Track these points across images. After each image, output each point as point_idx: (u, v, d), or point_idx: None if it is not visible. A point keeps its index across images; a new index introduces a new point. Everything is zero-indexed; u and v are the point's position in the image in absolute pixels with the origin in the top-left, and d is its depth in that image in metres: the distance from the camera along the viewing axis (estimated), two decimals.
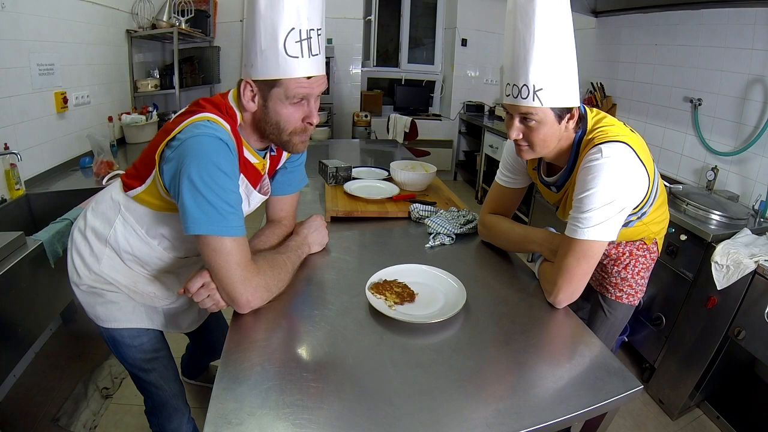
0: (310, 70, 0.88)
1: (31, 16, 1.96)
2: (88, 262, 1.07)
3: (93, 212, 1.09)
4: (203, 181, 0.81)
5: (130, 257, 1.06)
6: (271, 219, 1.22)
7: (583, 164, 0.97)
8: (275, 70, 0.86)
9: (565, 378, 0.82)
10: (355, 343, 0.89)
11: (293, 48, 0.85)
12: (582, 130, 1.04)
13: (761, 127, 1.91)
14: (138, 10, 3.03)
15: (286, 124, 0.91)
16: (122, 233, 1.03)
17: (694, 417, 1.84)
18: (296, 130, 0.93)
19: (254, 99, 0.91)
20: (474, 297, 1.04)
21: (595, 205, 0.93)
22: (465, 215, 1.47)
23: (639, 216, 1.13)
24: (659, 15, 2.48)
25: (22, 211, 1.90)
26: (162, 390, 1.20)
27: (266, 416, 0.69)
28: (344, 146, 3.04)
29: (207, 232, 0.82)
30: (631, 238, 1.26)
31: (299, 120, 0.92)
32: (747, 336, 1.51)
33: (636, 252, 1.28)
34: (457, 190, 4.28)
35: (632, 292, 1.32)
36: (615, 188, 0.93)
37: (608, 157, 0.93)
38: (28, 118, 1.97)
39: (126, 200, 1.02)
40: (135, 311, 1.13)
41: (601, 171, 0.93)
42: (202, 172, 0.81)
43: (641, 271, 1.30)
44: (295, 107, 0.90)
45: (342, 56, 4.48)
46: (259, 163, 1.02)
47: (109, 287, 1.09)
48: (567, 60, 0.95)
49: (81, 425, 1.63)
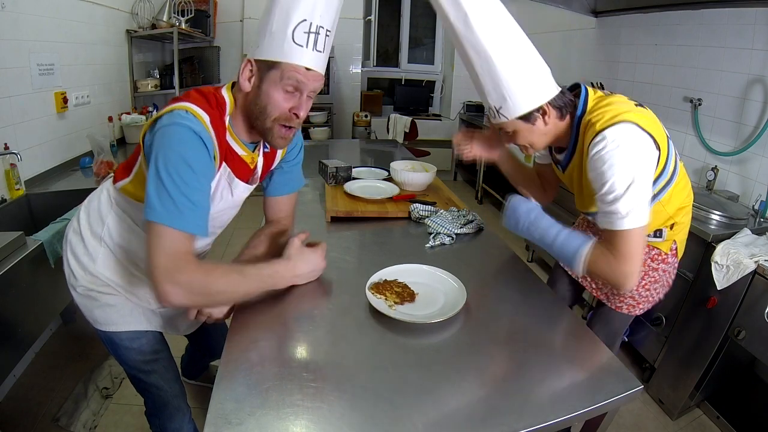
0: (311, 62, 0.90)
1: (31, 16, 1.96)
2: (83, 262, 1.07)
3: (86, 210, 1.10)
4: (167, 173, 0.81)
5: (124, 254, 1.07)
6: (269, 220, 1.22)
7: (591, 155, 0.96)
8: (279, 53, 0.88)
9: (565, 378, 0.82)
10: (355, 343, 0.89)
11: (300, 37, 0.88)
12: (581, 110, 1.04)
13: (761, 127, 1.91)
14: (138, 10, 3.03)
15: (273, 108, 0.91)
16: (115, 228, 1.05)
17: (694, 417, 1.83)
18: (281, 117, 0.93)
19: (251, 79, 0.92)
20: (474, 297, 1.04)
21: (618, 192, 0.92)
22: (465, 215, 1.47)
23: (655, 193, 1.07)
24: (659, 15, 2.47)
25: (22, 211, 1.90)
26: (163, 390, 1.20)
27: (266, 416, 0.69)
28: (344, 146, 3.04)
29: (158, 220, 0.81)
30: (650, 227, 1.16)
31: (286, 109, 0.92)
32: (747, 336, 1.51)
33: (649, 263, 1.24)
34: (457, 190, 4.28)
35: (633, 303, 1.29)
36: (630, 169, 0.92)
37: (613, 141, 0.93)
38: (28, 118, 1.97)
39: (117, 194, 1.04)
40: (132, 313, 1.13)
41: (611, 158, 0.92)
42: (168, 163, 0.81)
43: (648, 284, 1.26)
44: (287, 95, 0.91)
45: (342, 56, 4.48)
46: (248, 156, 1.01)
47: (106, 289, 1.09)
48: (516, 69, 0.98)
49: (81, 425, 1.63)
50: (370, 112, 4.54)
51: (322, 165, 1.81)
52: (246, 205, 1.18)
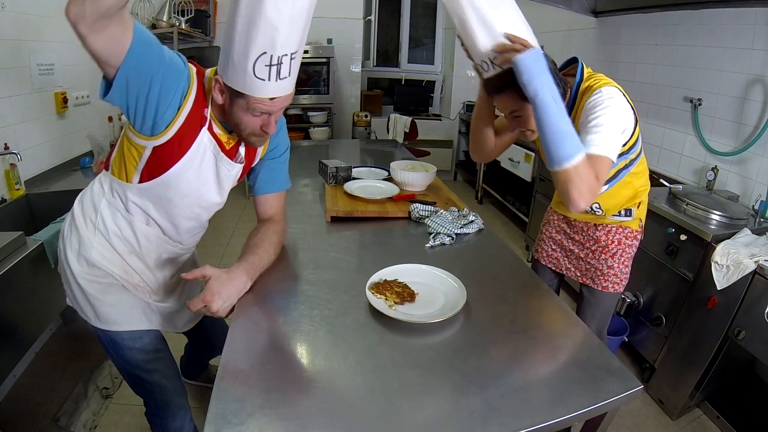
0: (275, 92, 0.91)
1: (31, 16, 1.96)
2: (80, 252, 1.08)
3: (80, 202, 1.12)
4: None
5: (118, 241, 1.08)
6: (261, 218, 1.23)
7: (588, 102, 1.09)
8: (242, 86, 0.89)
9: (565, 378, 0.82)
10: (355, 343, 0.89)
11: (261, 71, 0.87)
12: (579, 78, 1.17)
13: (761, 127, 1.91)
14: (138, 10, 3.03)
15: (246, 126, 0.97)
16: (109, 215, 1.06)
17: (694, 417, 1.84)
18: (254, 132, 0.99)
19: (222, 95, 0.95)
20: (474, 297, 1.04)
21: (600, 125, 1.04)
22: (465, 215, 1.47)
23: (628, 161, 1.23)
24: (659, 15, 2.47)
25: (22, 211, 1.90)
26: (165, 389, 1.20)
27: (266, 416, 0.69)
28: (344, 146, 3.04)
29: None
30: (620, 203, 1.33)
31: (258, 127, 0.97)
32: (747, 336, 1.51)
33: (625, 241, 1.37)
34: (457, 190, 4.28)
35: (617, 281, 1.40)
36: (615, 115, 1.06)
37: (609, 95, 1.08)
38: (28, 118, 1.97)
39: (107, 180, 1.06)
40: (133, 313, 1.14)
41: (604, 101, 1.07)
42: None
43: (626, 261, 1.39)
44: (255, 118, 0.95)
45: (342, 56, 4.48)
46: (224, 135, 1.03)
47: (105, 278, 1.09)
48: (513, 14, 1.03)
49: (81, 425, 1.63)
50: (370, 112, 4.53)
51: (322, 165, 1.81)
52: (246, 206, 1.18)
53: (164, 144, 0.95)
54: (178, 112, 0.93)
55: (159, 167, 0.98)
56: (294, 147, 2.72)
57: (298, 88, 4.65)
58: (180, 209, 1.08)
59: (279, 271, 1.14)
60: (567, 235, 1.48)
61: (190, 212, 1.11)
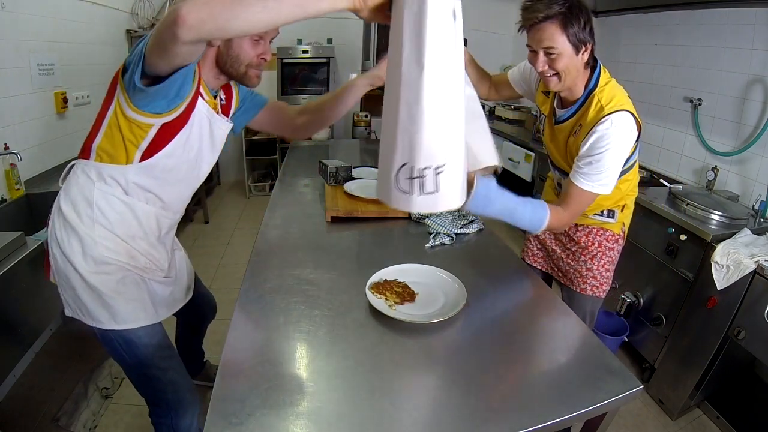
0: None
1: (31, 16, 1.96)
2: (86, 252, 1.05)
3: (67, 201, 1.08)
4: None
5: (121, 226, 1.08)
6: (289, 114, 1.37)
7: (595, 130, 1.11)
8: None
9: (565, 378, 0.82)
10: (355, 343, 0.89)
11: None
12: (594, 84, 1.17)
13: (761, 127, 1.91)
14: (138, 10, 3.04)
15: (245, 56, 1.04)
16: (106, 205, 1.05)
17: (694, 417, 1.84)
18: (252, 63, 1.06)
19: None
20: (474, 297, 1.04)
21: (599, 163, 1.10)
22: (465, 215, 1.47)
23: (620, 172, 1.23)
24: (659, 15, 2.47)
25: (22, 211, 1.90)
26: (179, 385, 1.20)
27: (266, 416, 0.69)
28: (344, 146, 3.04)
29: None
30: (603, 204, 1.33)
31: (255, 56, 1.05)
32: (747, 336, 1.51)
33: (605, 244, 1.37)
34: None
35: (596, 284, 1.40)
36: (617, 153, 1.10)
37: (617, 126, 1.09)
38: (28, 118, 1.97)
39: (92, 168, 1.06)
40: (146, 308, 1.14)
41: (610, 139, 1.09)
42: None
43: (606, 264, 1.39)
44: (254, 43, 1.04)
45: (342, 56, 4.48)
46: (210, 101, 1.09)
47: (116, 272, 1.08)
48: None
49: (81, 425, 1.63)
50: (370, 112, 4.54)
51: (322, 165, 1.81)
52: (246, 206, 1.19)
53: (174, 119, 1.00)
54: (192, 84, 0.99)
55: (163, 140, 1.02)
56: (294, 147, 2.73)
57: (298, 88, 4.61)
58: (183, 174, 1.12)
59: (279, 271, 1.14)
60: (550, 234, 1.49)
61: (190, 175, 1.15)
